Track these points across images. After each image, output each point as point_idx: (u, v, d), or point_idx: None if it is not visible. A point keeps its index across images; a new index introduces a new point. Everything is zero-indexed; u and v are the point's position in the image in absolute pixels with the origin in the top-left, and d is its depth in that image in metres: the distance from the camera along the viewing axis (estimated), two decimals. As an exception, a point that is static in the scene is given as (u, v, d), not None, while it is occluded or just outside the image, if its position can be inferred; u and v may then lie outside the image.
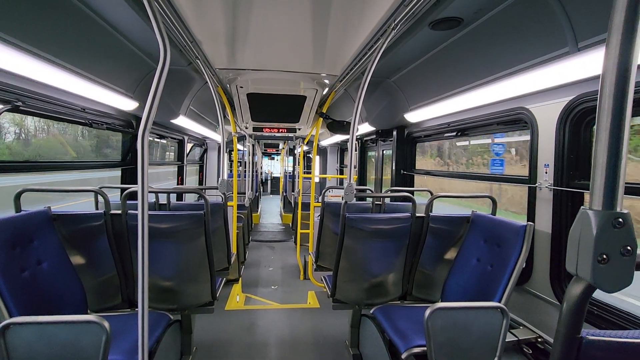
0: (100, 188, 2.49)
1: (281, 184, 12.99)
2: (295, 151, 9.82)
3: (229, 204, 3.77)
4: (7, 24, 1.82)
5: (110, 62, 2.75)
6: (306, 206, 5.96)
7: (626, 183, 0.71)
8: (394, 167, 4.70)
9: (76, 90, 2.62)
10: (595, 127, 2.17)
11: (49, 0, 1.90)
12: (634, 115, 1.84)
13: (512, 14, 1.97)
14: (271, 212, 12.09)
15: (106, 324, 1.52)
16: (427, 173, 4.37)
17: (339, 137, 7.42)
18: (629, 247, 0.67)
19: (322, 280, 3.22)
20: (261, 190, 14.47)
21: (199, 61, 2.73)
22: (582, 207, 0.70)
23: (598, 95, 0.68)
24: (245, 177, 8.48)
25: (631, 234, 0.67)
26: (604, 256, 0.66)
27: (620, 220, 0.67)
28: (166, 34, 1.47)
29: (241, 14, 2.06)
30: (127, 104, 3.31)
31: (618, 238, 0.67)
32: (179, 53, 2.78)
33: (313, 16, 2.06)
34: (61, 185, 2.59)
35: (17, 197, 2.13)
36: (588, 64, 1.79)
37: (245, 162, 8.50)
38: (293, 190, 8.84)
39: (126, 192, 2.35)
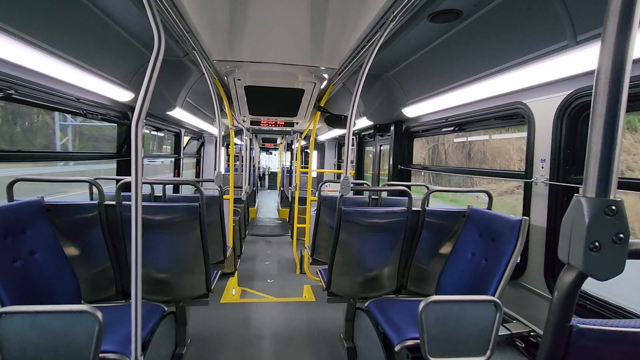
0: (95, 179, 2.48)
1: (279, 178, 12.97)
2: (293, 146, 9.81)
3: (225, 197, 3.75)
4: (1, 12, 1.78)
5: (105, 52, 2.72)
6: (303, 201, 5.96)
7: (620, 178, 0.71)
8: (391, 162, 4.70)
9: (70, 79, 2.59)
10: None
11: None
12: (628, 110, 1.84)
13: (511, 6, 1.96)
14: (268, 207, 12.09)
15: (99, 314, 1.51)
16: (424, 168, 4.37)
17: (336, 132, 7.40)
18: (621, 235, 0.66)
19: (317, 274, 3.23)
20: (259, 185, 14.45)
21: (195, 52, 2.70)
22: (575, 194, 0.70)
23: (594, 83, 0.68)
24: (242, 171, 8.47)
25: (624, 222, 0.67)
26: (596, 244, 0.66)
27: (613, 207, 0.66)
28: (161, 23, 1.45)
29: (239, 5, 2.04)
30: (123, 95, 3.27)
31: (610, 226, 0.66)
32: (175, 43, 2.75)
33: (311, 8, 2.04)
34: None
35: (10, 186, 2.11)
36: (587, 58, 1.78)
37: (243, 156, 8.47)
38: (290, 185, 8.84)
39: (120, 182, 2.34)
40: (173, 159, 6.13)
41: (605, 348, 0.80)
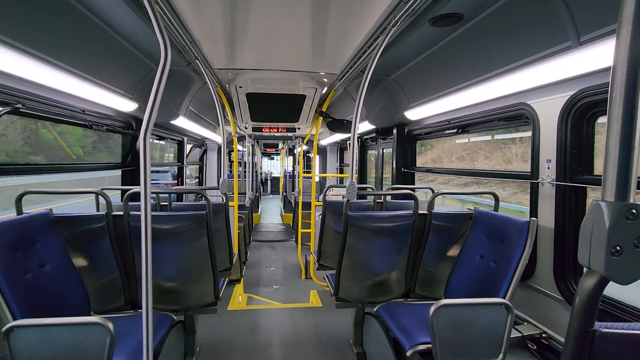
0: (102, 189, 2.48)
1: (281, 183, 12.99)
2: (295, 151, 9.83)
3: (230, 204, 3.76)
4: (7, 26, 1.80)
5: (109, 64, 2.74)
6: (306, 205, 5.95)
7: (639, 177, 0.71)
8: (394, 165, 4.70)
9: (76, 91, 2.61)
10: (597, 121, 2.16)
11: (48, 2, 1.89)
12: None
13: (513, 9, 1.97)
14: (272, 212, 12.08)
15: (110, 325, 1.51)
16: (428, 170, 4.36)
17: (338, 136, 7.41)
18: None
19: (324, 279, 3.21)
20: (261, 190, 14.46)
21: (198, 61, 2.73)
22: (594, 199, 0.70)
23: (609, 87, 0.68)
24: (245, 177, 8.48)
25: None
26: (617, 248, 0.66)
27: (634, 211, 0.66)
28: (167, 35, 1.46)
29: (240, 14, 2.05)
30: (127, 105, 3.29)
31: (631, 229, 0.66)
32: (178, 53, 2.78)
33: (312, 15, 2.05)
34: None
35: (19, 199, 2.12)
36: (590, 58, 1.78)
37: (245, 162, 8.49)
38: (293, 190, 8.84)
39: (128, 193, 2.34)
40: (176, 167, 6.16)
41: (629, 352, 0.80)
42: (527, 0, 1.88)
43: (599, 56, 1.74)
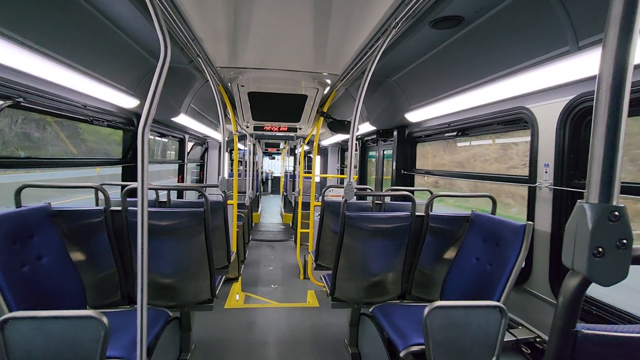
0: (101, 185, 2.50)
1: (282, 183, 13.01)
2: (296, 151, 9.84)
3: (229, 202, 3.77)
4: (9, 20, 1.82)
5: (111, 59, 2.76)
6: (307, 206, 5.96)
7: (622, 183, 0.71)
8: (394, 167, 4.70)
9: (77, 87, 2.62)
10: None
11: None
12: (630, 116, 1.84)
13: (512, 12, 1.98)
14: (272, 212, 12.10)
15: (105, 320, 1.52)
16: (428, 173, 4.37)
17: (339, 137, 7.42)
18: (624, 241, 0.67)
19: (321, 279, 3.22)
20: (262, 189, 14.48)
21: (200, 59, 2.74)
22: (578, 200, 0.70)
23: (595, 89, 0.69)
24: (245, 176, 8.50)
25: (627, 228, 0.67)
26: (600, 249, 0.66)
27: (616, 213, 0.67)
28: (167, 31, 1.48)
29: (243, 13, 2.07)
30: (128, 102, 3.31)
31: (614, 231, 0.67)
32: (180, 51, 2.79)
33: (314, 15, 2.06)
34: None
35: (18, 192, 2.14)
36: (589, 63, 1.79)
37: (246, 161, 8.51)
38: (294, 190, 8.86)
39: (126, 188, 2.36)
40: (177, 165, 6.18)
41: (611, 353, 0.80)
42: (527, 4, 1.88)
43: (597, 61, 1.74)
